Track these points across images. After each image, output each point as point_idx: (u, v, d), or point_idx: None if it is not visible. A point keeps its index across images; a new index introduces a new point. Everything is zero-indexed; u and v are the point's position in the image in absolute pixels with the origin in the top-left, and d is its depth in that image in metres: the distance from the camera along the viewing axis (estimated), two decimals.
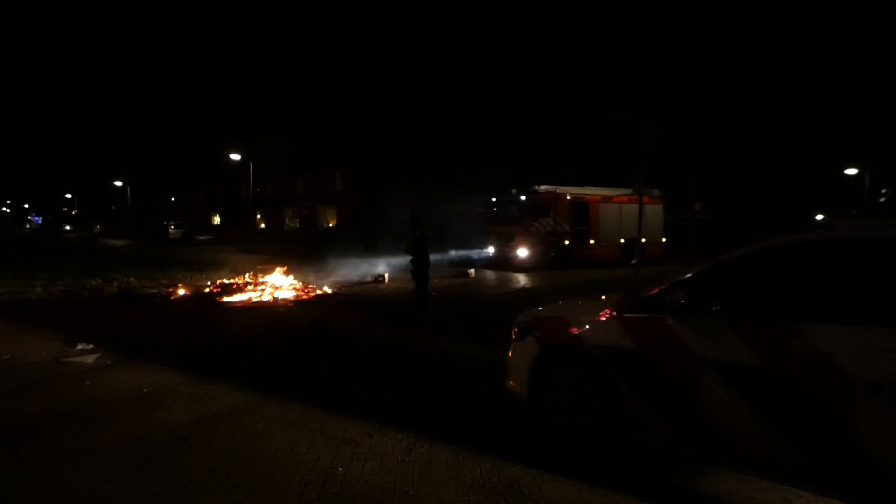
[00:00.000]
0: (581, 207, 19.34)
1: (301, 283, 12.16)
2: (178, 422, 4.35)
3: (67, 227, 68.15)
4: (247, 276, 12.66)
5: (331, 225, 41.36)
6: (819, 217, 24.66)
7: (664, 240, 20.61)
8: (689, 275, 3.54)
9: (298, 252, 25.65)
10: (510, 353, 4.38)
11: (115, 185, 57.47)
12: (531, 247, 18.23)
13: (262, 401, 4.85)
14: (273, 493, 3.22)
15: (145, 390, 5.17)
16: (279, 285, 11.79)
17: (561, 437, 3.87)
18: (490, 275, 16.40)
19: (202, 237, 40.43)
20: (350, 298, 11.11)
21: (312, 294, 11.38)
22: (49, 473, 3.48)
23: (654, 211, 19.79)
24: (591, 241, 19.27)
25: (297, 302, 10.68)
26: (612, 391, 3.62)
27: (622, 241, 19.57)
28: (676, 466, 3.56)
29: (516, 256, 18.22)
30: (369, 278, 14.15)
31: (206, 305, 10.41)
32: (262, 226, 47.34)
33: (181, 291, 11.72)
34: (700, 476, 3.46)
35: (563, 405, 3.89)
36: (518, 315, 4.49)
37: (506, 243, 18.68)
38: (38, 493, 3.23)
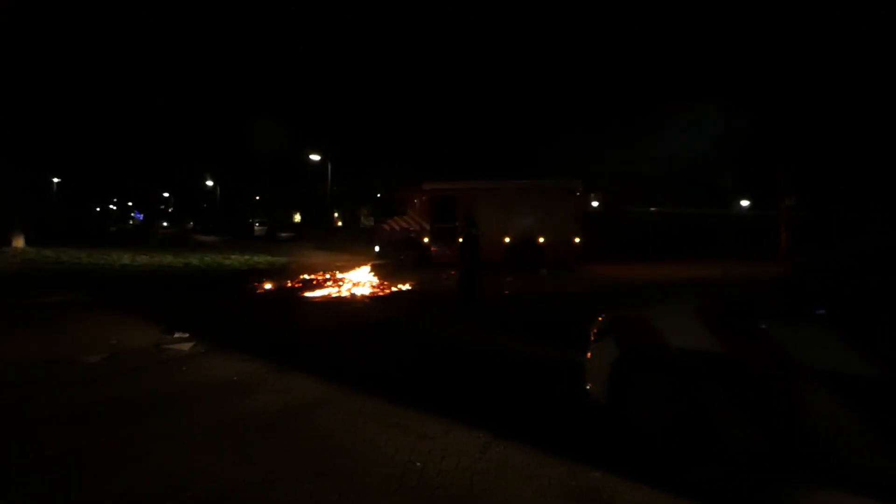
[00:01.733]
0: (446, 202, 17.25)
1: (378, 280, 12.45)
2: (264, 409, 4.58)
3: (165, 224, 73.88)
4: (326, 272, 13.13)
5: None
6: None
7: (577, 239, 16.80)
8: (787, 275, 3.30)
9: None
10: (588, 355, 4.26)
11: (206, 185, 61.76)
12: (382, 247, 17.69)
13: (343, 393, 5.02)
14: (354, 482, 3.32)
15: (235, 378, 5.49)
16: (357, 281, 12.15)
17: (643, 444, 3.73)
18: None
19: (284, 234, 42.31)
20: (425, 295, 11.26)
21: (388, 290, 11.64)
22: (151, 452, 3.76)
23: (562, 205, 16.71)
24: (460, 241, 17.30)
25: (374, 298, 10.98)
26: (699, 397, 3.43)
27: (507, 240, 16.79)
28: (774, 483, 3.32)
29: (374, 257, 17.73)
30: (444, 275, 14.30)
31: (289, 299, 10.92)
32: (340, 224, 49.05)
33: (267, 286, 12.33)
34: (803, 495, 3.21)
35: (645, 411, 3.74)
36: (596, 315, 4.37)
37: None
38: (141, 470, 3.50)
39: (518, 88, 33.26)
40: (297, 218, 56.96)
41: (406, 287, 12.10)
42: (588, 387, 4.22)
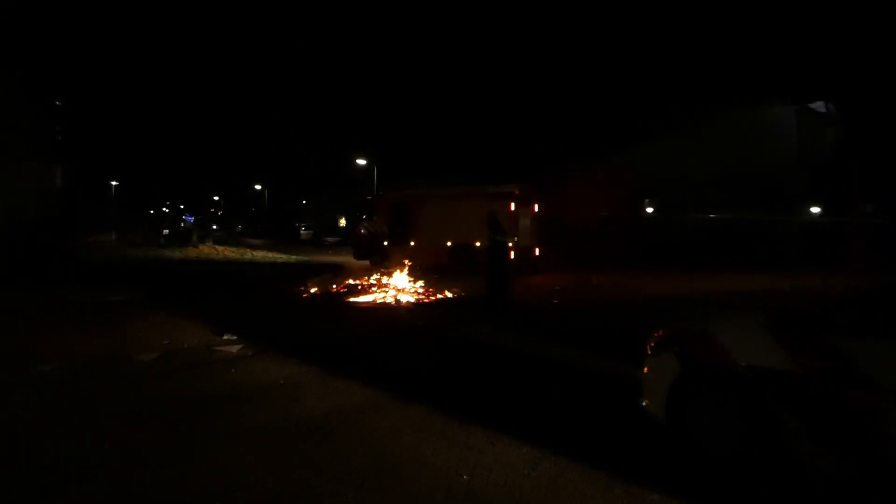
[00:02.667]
0: (402, 208, 19.19)
1: (423, 286, 12.51)
2: (311, 414, 4.66)
3: (214, 227, 76.48)
4: (371, 278, 13.30)
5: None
6: None
7: (537, 249, 17.85)
8: (867, 290, 3.11)
9: None
10: (645, 370, 4.14)
11: (254, 189, 63.84)
12: (356, 250, 20.24)
13: (388, 399, 5.06)
14: (399, 492, 3.32)
15: (282, 381, 5.62)
16: (402, 287, 12.27)
17: (705, 467, 3.58)
18: None
19: (329, 239, 43.22)
20: (471, 302, 11.19)
21: (434, 297, 11.70)
22: (201, 452, 3.89)
23: (500, 210, 16.49)
24: (412, 244, 18.39)
25: (419, 304, 11.05)
26: (768, 418, 3.27)
27: (448, 244, 17.90)
28: None
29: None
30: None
31: (334, 304, 11.13)
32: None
33: (312, 290, 12.59)
34: None
35: (708, 431, 3.59)
36: (653, 327, 4.24)
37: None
38: (192, 470, 3.62)
39: (576, 86, 32.84)
40: (343, 222, 58.12)
41: (451, 294, 12.11)
42: (644, 403, 4.10)
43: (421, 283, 12.72)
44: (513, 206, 17.23)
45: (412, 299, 11.45)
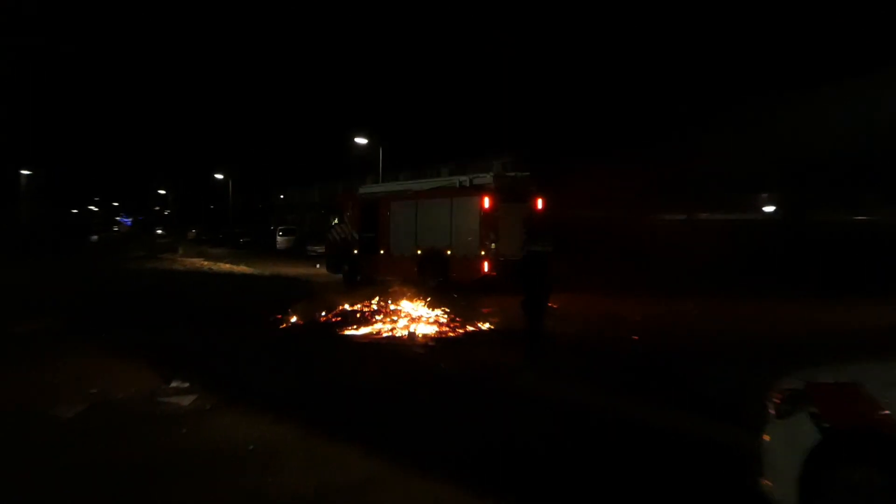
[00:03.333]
0: (372, 208, 20.49)
1: (447, 314, 12.48)
2: (294, 491, 4.66)
3: (159, 231, 77.87)
4: (374, 301, 13.30)
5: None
6: None
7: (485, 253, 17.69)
8: None
9: None
10: (766, 437, 4.04)
11: (215, 180, 64.28)
12: (328, 257, 22.43)
13: (398, 474, 5.04)
14: None
15: (251, 447, 5.62)
16: (418, 315, 12.24)
17: None
18: None
19: (317, 248, 42.29)
20: (512, 337, 11.02)
21: (461, 330, 11.67)
22: None
23: (469, 211, 17.84)
24: (381, 252, 19.68)
25: (441, 340, 10.99)
26: None
27: (419, 252, 18.94)
28: None
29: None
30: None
31: (324, 339, 11.08)
32: None
33: (292, 318, 12.62)
34: None
35: None
36: (778, 378, 4.13)
37: None
38: None
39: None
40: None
41: (486, 326, 12.04)
42: (765, 484, 4.00)
43: (444, 309, 12.66)
44: (487, 204, 17.50)
45: (431, 331, 11.44)
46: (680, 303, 15.30)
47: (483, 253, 17.45)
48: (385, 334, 11.37)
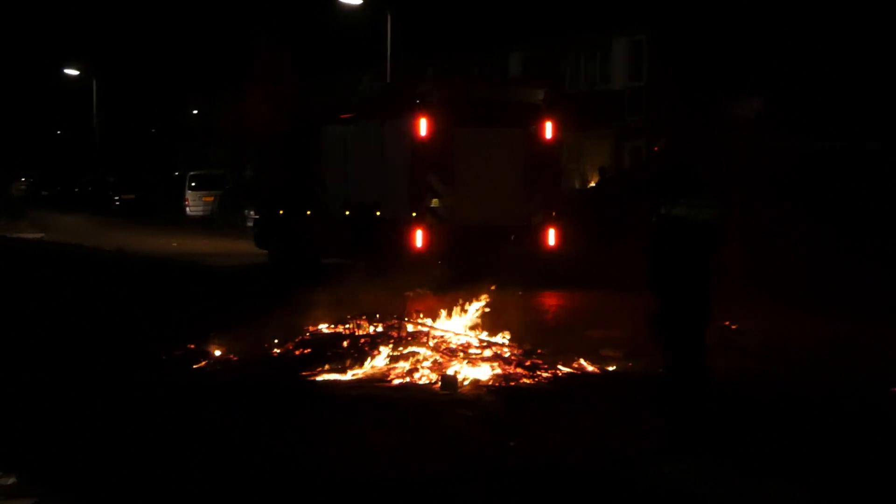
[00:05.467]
0: (304, 136, 15.39)
1: (511, 341, 8.62)
2: None
3: None
4: (372, 322, 9.12)
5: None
6: None
7: (550, 230, 13.29)
8: None
9: None
10: None
11: (67, 79, 40.55)
12: (254, 223, 19.23)
13: None
14: None
15: None
16: (453, 343, 8.44)
17: None
18: None
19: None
20: (648, 388, 7.24)
21: (546, 374, 7.99)
22: None
23: (400, 139, 12.97)
24: (311, 212, 15.26)
25: (506, 391, 7.39)
26: None
27: (346, 212, 14.14)
28: None
29: None
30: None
31: (278, 391, 7.62)
32: None
33: (216, 351, 8.83)
34: None
35: None
36: None
37: None
38: None
39: None
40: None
41: (591, 368, 8.30)
42: None
43: (506, 335, 8.75)
44: (424, 130, 12.43)
45: (485, 375, 7.77)
46: None
47: (415, 214, 12.46)
48: (393, 379, 7.89)
